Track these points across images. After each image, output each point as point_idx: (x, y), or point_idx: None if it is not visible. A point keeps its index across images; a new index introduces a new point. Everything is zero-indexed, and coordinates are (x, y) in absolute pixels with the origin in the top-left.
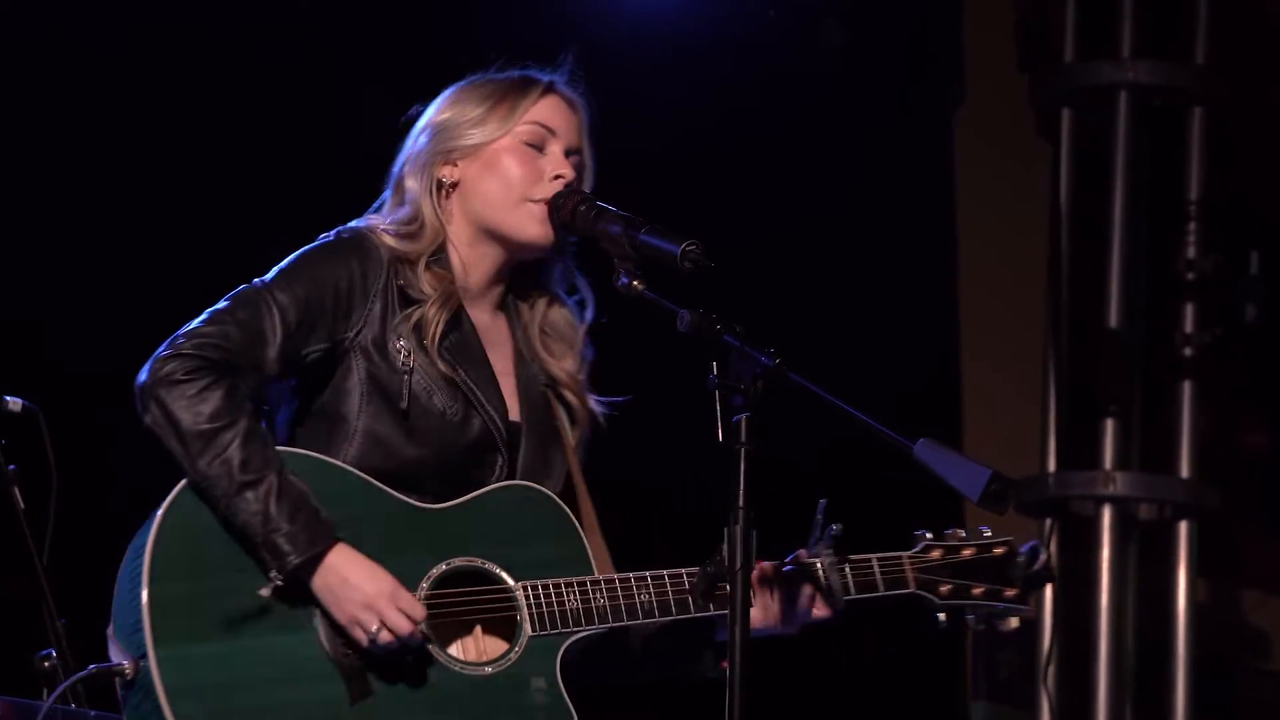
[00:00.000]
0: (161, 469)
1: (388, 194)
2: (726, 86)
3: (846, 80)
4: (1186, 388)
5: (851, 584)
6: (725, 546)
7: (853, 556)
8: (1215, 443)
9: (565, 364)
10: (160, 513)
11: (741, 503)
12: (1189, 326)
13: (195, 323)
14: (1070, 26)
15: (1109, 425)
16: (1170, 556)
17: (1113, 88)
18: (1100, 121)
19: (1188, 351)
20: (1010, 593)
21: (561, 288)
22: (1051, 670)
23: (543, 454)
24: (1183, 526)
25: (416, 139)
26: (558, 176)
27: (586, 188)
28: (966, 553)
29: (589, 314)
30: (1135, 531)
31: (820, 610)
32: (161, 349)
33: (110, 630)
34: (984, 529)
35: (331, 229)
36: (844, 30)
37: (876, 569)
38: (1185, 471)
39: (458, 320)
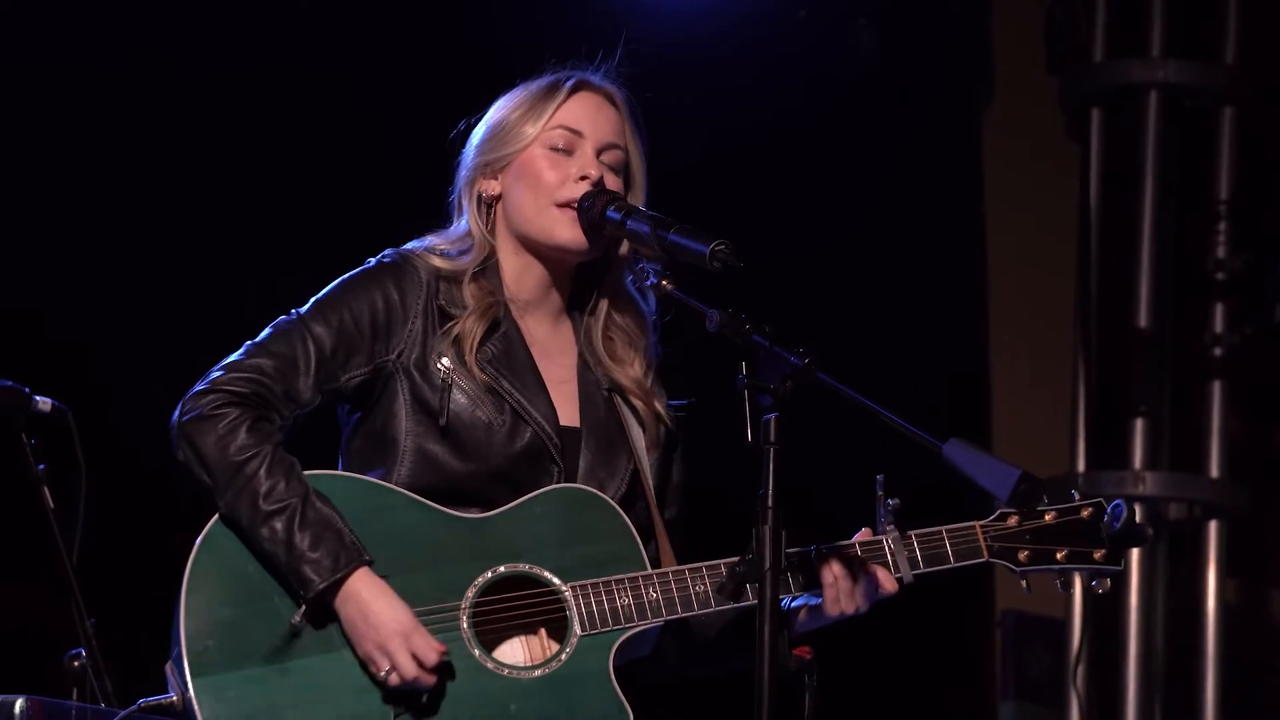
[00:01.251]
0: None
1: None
2: (755, 88)
3: (875, 81)
4: (1216, 387)
5: (920, 558)
6: (754, 546)
7: (921, 530)
8: (1245, 442)
9: (630, 369)
10: (196, 547)
11: (770, 502)
12: (1218, 326)
13: (231, 357)
14: (1100, 26)
15: (1138, 425)
16: (1199, 556)
17: (1142, 87)
18: (1130, 121)
19: (1217, 351)
20: (1099, 554)
21: (634, 290)
22: (1081, 670)
23: (604, 458)
24: (1212, 526)
25: (464, 154)
26: (583, 178)
27: (635, 180)
28: (1049, 517)
29: (651, 314)
30: (1165, 531)
31: (888, 586)
32: (194, 386)
33: (168, 664)
34: (1074, 492)
35: (359, 233)
36: (875, 33)
37: (946, 541)
38: (1215, 471)
39: (502, 331)
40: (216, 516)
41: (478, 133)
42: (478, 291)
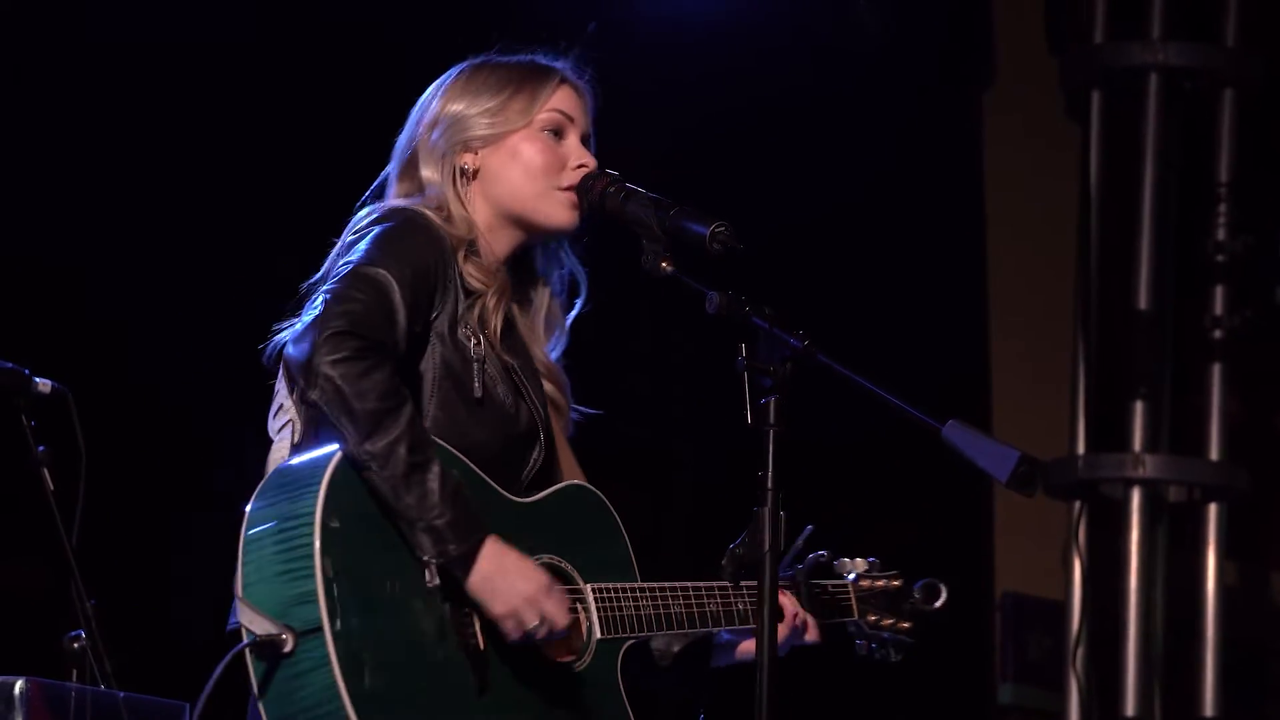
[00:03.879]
0: (185, 448)
1: (392, 180)
2: (756, 67)
3: (877, 61)
4: (1216, 370)
5: (820, 610)
6: (754, 529)
7: (815, 582)
8: (1245, 425)
9: (545, 353)
10: (324, 486)
11: (770, 485)
12: (1218, 308)
13: (332, 301)
14: (1100, 8)
15: (1138, 407)
16: (1199, 539)
17: (1143, 69)
18: (1130, 104)
19: (1217, 334)
20: (904, 626)
21: (555, 271)
22: (1080, 652)
23: (553, 443)
24: (1212, 509)
25: (427, 129)
26: (581, 165)
27: None
28: (880, 584)
29: (580, 300)
30: (1164, 514)
31: (813, 635)
32: (319, 327)
33: (242, 594)
34: (873, 559)
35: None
36: (876, 13)
37: (834, 596)
38: (1214, 454)
39: (506, 311)
40: (339, 457)
41: (447, 109)
42: (480, 272)
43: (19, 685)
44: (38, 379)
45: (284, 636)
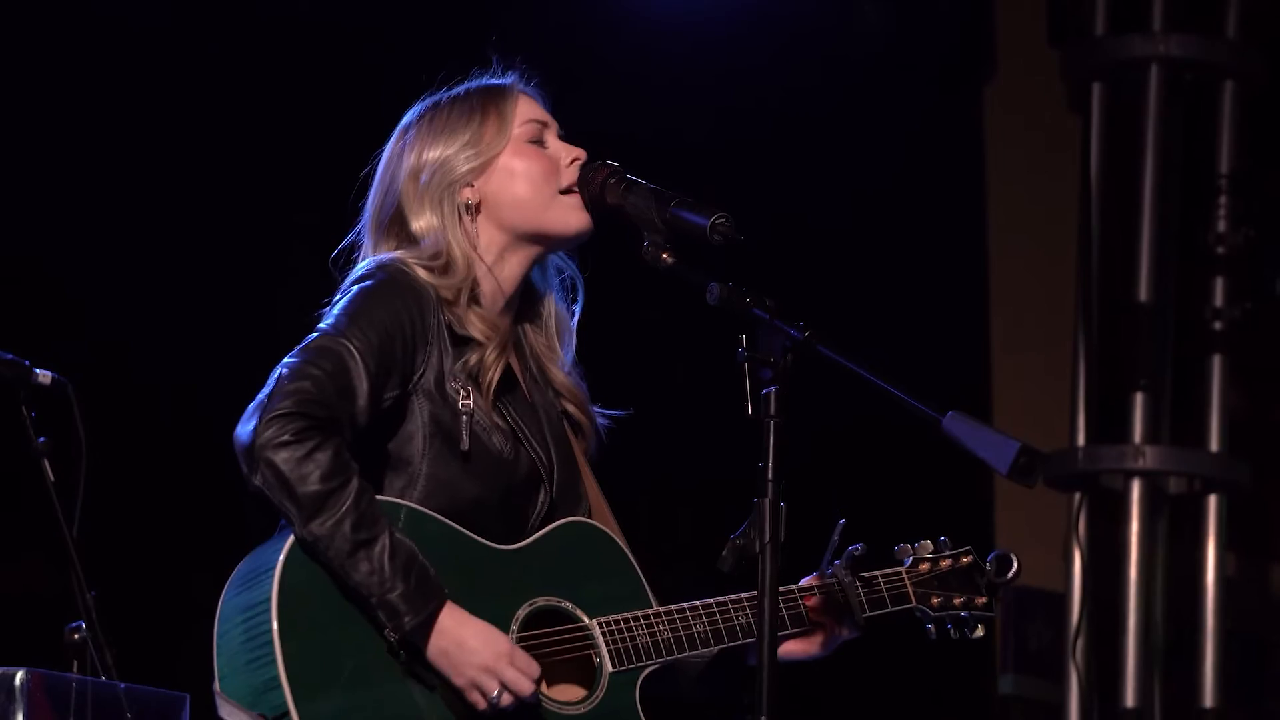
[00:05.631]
0: (185, 439)
1: (369, 245)
2: (758, 65)
3: (878, 55)
4: (1216, 362)
5: (865, 602)
6: (754, 520)
7: (863, 574)
8: (1245, 417)
9: (561, 371)
10: (277, 573)
11: (771, 475)
12: (1219, 300)
13: (285, 378)
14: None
15: (1139, 399)
16: (1199, 530)
17: (1144, 61)
18: (1131, 95)
19: (1218, 325)
20: (980, 600)
21: (555, 278)
22: (1080, 643)
23: (570, 479)
24: (1212, 500)
25: (410, 181)
26: (574, 160)
27: None
28: (945, 564)
29: (578, 307)
30: (1164, 505)
31: (848, 631)
32: (262, 410)
33: (219, 689)
34: (943, 539)
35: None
36: (878, 7)
37: (884, 586)
38: (1215, 445)
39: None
40: (291, 541)
41: (425, 157)
42: (483, 324)
43: (19, 676)
44: (38, 370)
45: None
